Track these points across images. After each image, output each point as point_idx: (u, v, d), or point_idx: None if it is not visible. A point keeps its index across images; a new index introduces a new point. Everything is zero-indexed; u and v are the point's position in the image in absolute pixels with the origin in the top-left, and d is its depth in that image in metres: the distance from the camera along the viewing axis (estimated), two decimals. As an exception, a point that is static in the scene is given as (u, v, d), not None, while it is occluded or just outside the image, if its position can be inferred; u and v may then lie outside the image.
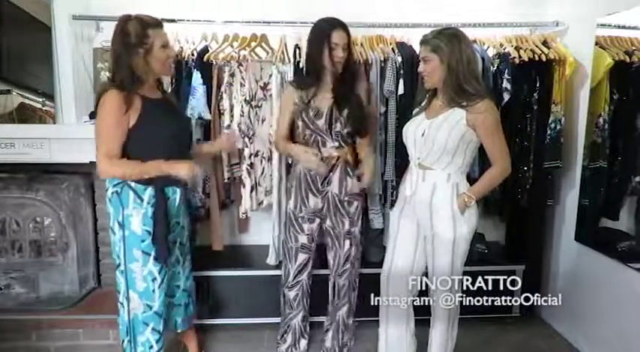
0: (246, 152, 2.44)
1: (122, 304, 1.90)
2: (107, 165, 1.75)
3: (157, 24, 1.79)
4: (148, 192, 1.80)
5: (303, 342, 2.37)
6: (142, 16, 1.77)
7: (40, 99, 2.54)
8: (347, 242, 2.21)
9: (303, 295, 2.31)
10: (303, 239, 2.22)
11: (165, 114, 1.86)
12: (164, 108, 1.87)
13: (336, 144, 2.12)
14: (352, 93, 2.12)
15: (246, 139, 2.42)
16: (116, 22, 1.77)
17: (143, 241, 1.81)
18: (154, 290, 1.86)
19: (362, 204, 2.27)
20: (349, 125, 2.09)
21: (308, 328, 2.39)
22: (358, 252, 2.27)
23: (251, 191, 2.48)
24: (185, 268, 2.09)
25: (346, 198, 2.17)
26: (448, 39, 1.75)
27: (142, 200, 1.80)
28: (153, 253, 1.83)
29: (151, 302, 1.87)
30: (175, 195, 1.90)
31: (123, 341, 1.94)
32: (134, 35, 1.73)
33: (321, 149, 2.11)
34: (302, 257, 2.25)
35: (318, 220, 2.22)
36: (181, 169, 1.77)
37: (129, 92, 1.73)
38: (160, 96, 1.89)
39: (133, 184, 1.79)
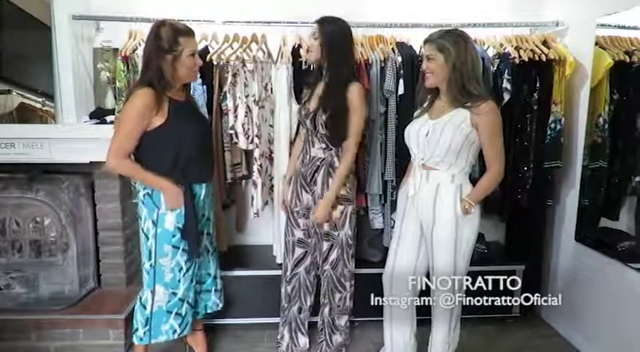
0: (257, 153, 2.43)
1: (143, 298, 2.00)
2: (115, 163, 1.84)
3: (189, 32, 1.87)
4: None
5: (303, 339, 2.35)
6: (175, 23, 1.86)
7: (40, 99, 2.54)
8: (325, 244, 2.18)
9: (300, 288, 2.30)
10: (299, 233, 2.22)
11: (190, 116, 1.94)
12: (189, 110, 1.96)
13: (323, 145, 2.09)
14: (338, 96, 2.00)
15: (257, 140, 2.41)
16: (151, 26, 1.86)
17: (174, 236, 1.92)
18: (179, 280, 1.97)
19: (352, 208, 2.16)
20: (326, 129, 2.02)
21: (307, 325, 2.37)
22: (343, 255, 2.18)
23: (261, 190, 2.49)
24: (215, 257, 2.21)
25: None
26: (454, 39, 1.76)
27: None
28: (182, 246, 1.94)
29: (175, 290, 1.98)
30: (201, 190, 2.00)
31: (137, 329, 2.00)
32: (165, 40, 1.79)
33: (310, 149, 2.12)
34: (298, 251, 2.25)
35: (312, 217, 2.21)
36: (169, 197, 1.86)
37: (159, 92, 1.80)
38: (184, 99, 1.96)
39: None
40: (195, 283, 2.08)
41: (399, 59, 2.40)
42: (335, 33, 2.01)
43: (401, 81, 2.38)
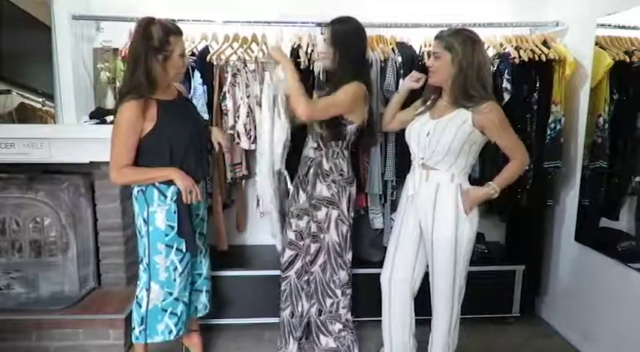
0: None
1: (139, 296, 1.99)
2: (117, 175, 1.85)
3: (178, 31, 1.84)
4: (171, 190, 1.89)
5: (292, 344, 2.30)
6: (165, 22, 1.82)
7: (40, 99, 2.53)
8: (312, 245, 2.17)
9: (292, 292, 2.28)
10: (290, 235, 2.22)
11: (180, 115, 1.91)
12: (179, 108, 1.93)
13: (315, 145, 2.11)
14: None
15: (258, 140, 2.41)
16: (137, 23, 1.81)
17: (167, 235, 1.92)
18: (174, 279, 1.97)
19: (338, 213, 2.12)
20: (320, 128, 2.04)
21: (300, 330, 2.30)
22: (331, 260, 2.17)
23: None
24: (206, 257, 2.20)
25: (313, 202, 2.13)
26: (463, 40, 1.75)
27: (165, 197, 1.89)
28: (176, 245, 1.93)
29: (171, 290, 1.98)
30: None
31: (134, 328, 2.00)
32: (157, 40, 1.76)
33: (304, 149, 2.14)
34: (288, 253, 2.24)
35: (307, 218, 2.19)
36: (181, 178, 1.85)
37: (145, 98, 1.77)
38: (174, 97, 1.93)
39: (156, 183, 1.88)
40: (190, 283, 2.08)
41: (399, 59, 2.40)
42: (338, 33, 2.03)
43: (401, 81, 2.38)
